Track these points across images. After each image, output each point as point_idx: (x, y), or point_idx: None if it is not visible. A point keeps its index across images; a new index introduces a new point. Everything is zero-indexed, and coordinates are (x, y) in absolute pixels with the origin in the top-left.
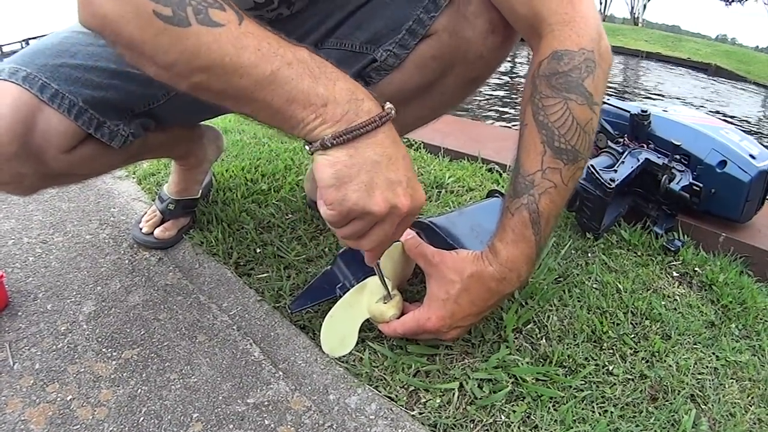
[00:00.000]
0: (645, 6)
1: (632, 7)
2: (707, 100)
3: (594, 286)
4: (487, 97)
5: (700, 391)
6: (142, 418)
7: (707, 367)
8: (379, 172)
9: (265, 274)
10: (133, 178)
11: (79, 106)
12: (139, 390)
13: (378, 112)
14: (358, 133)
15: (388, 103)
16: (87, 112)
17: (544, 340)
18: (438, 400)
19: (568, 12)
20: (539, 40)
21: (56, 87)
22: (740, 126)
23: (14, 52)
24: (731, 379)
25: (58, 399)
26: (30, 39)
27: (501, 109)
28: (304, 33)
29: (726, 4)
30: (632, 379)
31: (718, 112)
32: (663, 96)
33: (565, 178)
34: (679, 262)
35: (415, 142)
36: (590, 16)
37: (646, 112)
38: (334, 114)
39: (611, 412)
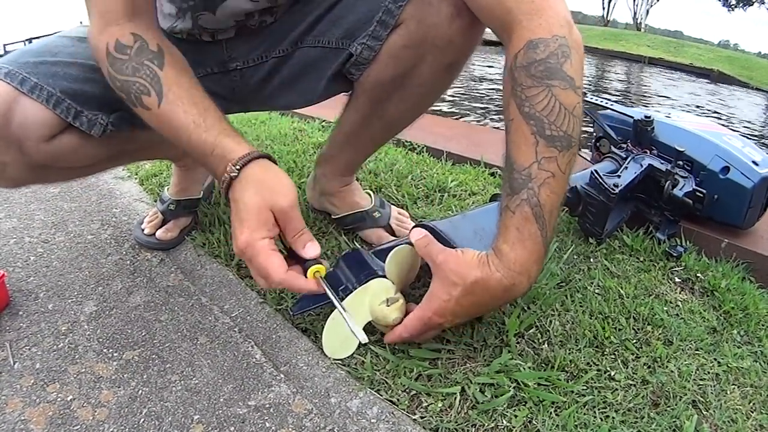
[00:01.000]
0: (648, 11)
1: (635, 13)
2: (710, 106)
3: (596, 291)
4: (490, 101)
5: (701, 396)
6: (142, 420)
7: (709, 372)
8: None
9: None
10: (135, 178)
11: (57, 96)
12: (140, 391)
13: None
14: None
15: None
16: (64, 101)
17: (546, 345)
18: (440, 405)
19: (536, 2)
20: (510, 33)
21: (35, 80)
22: (742, 132)
23: None
24: (733, 385)
25: (59, 399)
26: (33, 38)
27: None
28: (284, 33)
29: (729, 10)
30: (634, 385)
31: (720, 118)
32: (665, 101)
33: (562, 165)
34: (682, 268)
35: (418, 146)
36: (558, 6)
37: (649, 117)
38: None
39: (613, 418)
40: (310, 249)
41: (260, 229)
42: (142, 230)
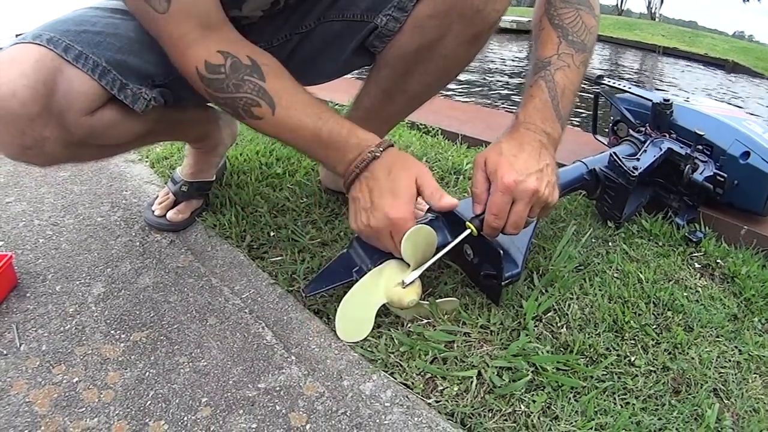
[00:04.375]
0: (662, 1)
1: (649, 2)
2: (726, 95)
3: (615, 275)
4: (506, 84)
5: (723, 385)
6: (149, 402)
7: (730, 360)
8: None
9: (278, 258)
10: (146, 161)
11: (103, 66)
12: (147, 373)
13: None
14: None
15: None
16: (110, 72)
17: (564, 329)
18: (455, 388)
19: None
20: None
21: (80, 48)
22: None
23: None
24: (755, 373)
25: (64, 381)
26: None
27: (519, 97)
28: (308, 10)
29: (744, 0)
30: (654, 371)
31: (738, 107)
32: (680, 91)
33: (576, 61)
34: (701, 254)
35: (433, 129)
36: None
37: (668, 101)
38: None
39: (633, 404)
40: (447, 200)
41: (411, 202)
42: (153, 211)
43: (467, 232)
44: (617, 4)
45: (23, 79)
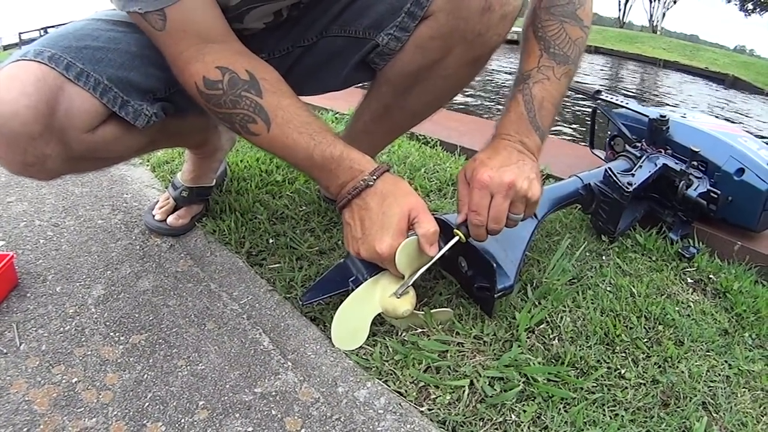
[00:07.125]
0: (664, 14)
1: (651, 15)
2: (724, 110)
3: (608, 288)
4: (504, 97)
5: (711, 398)
6: (147, 404)
7: (720, 375)
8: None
9: (276, 265)
10: (147, 165)
11: (104, 84)
12: (146, 375)
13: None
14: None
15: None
16: (112, 90)
17: (556, 341)
18: (448, 397)
19: None
20: None
21: (81, 66)
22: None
23: (32, 39)
24: (743, 388)
25: (64, 381)
26: (48, 27)
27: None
28: (310, 23)
29: (745, 15)
30: (644, 384)
31: (736, 122)
32: (679, 104)
33: (557, 74)
34: (694, 269)
35: (432, 139)
36: None
37: (665, 117)
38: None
39: (622, 416)
40: (433, 249)
41: (401, 236)
42: (153, 216)
43: (455, 239)
44: (619, 17)
45: (25, 98)
